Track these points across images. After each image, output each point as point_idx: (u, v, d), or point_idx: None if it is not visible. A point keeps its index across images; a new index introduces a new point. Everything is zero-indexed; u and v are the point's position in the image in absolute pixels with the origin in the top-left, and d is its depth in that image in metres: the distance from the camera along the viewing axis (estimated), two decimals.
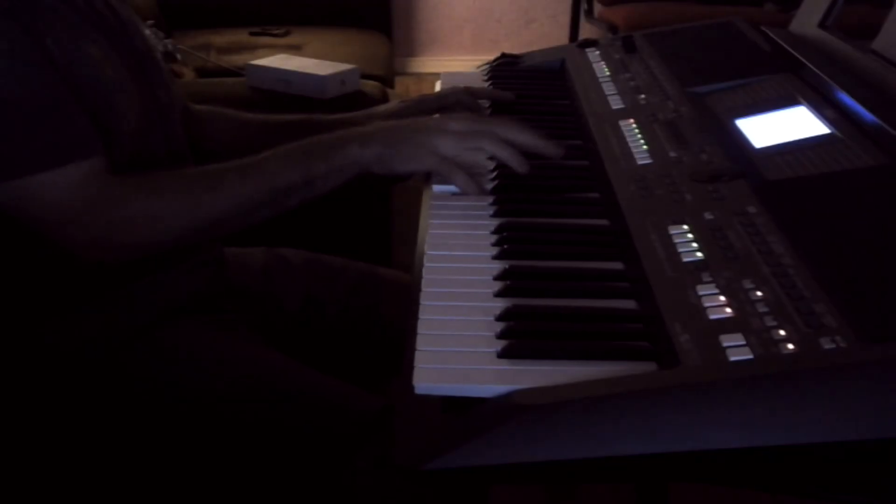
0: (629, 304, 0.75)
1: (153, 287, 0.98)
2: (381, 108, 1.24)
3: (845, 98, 0.94)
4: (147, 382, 0.94)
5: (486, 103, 1.21)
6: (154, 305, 0.98)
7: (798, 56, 1.09)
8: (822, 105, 0.95)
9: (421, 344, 0.69)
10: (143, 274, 0.96)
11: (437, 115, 1.06)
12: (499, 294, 0.76)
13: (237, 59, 2.29)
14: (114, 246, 0.89)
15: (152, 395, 0.94)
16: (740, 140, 0.94)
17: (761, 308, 0.65)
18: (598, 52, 1.31)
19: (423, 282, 0.77)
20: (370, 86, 2.08)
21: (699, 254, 0.74)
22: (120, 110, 0.93)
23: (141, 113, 0.96)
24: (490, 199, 0.93)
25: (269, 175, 0.91)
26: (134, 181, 0.90)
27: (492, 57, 1.43)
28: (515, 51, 1.46)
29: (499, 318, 0.72)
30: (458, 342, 0.69)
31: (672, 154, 0.93)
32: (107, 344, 0.95)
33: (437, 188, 0.95)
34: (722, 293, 0.68)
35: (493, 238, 0.85)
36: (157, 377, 0.95)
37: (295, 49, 2.50)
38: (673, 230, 0.78)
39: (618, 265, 0.81)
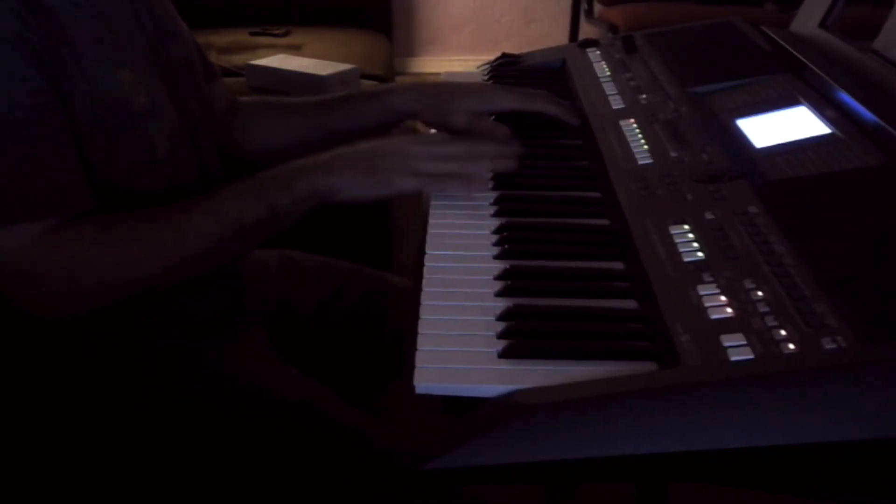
0: (630, 303, 0.75)
1: (174, 307, 0.95)
2: (428, 82, 1.20)
3: (846, 98, 0.93)
4: (169, 402, 0.93)
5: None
6: (175, 325, 0.97)
7: (798, 56, 1.09)
8: (823, 105, 0.95)
9: (421, 344, 0.68)
10: (164, 294, 0.93)
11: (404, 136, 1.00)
12: (499, 294, 0.76)
13: (237, 59, 2.29)
14: (66, 299, 0.84)
15: (172, 415, 0.93)
16: (741, 140, 0.93)
17: (762, 308, 0.65)
18: (598, 52, 1.31)
19: (424, 282, 0.77)
20: (370, 86, 2.08)
21: (700, 253, 0.74)
22: (150, 139, 0.90)
23: (173, 133, 0.93)
24: (490, 198, 0.93)
25: (235, 212, 0.87)
26: (93, 228, 0.85)
27: (492, 57, 1.43)
28: (515, 51, 1.45)
29: (499, 318, 0.72)
30: (459, 342, 0.69)
31: (673, 154, 0.93)
32: (122, 365, 0.93)
33: None
34: (723, 293, 0.68)
35: (494, 238, 0.85)
36: (178, 397, 0.94)
37: (295, 49, 2.50)
38: (674, 230, 0.78)
39: (618, 265, 0.80)
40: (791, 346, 0.61)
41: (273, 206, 0.88)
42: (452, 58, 3.95)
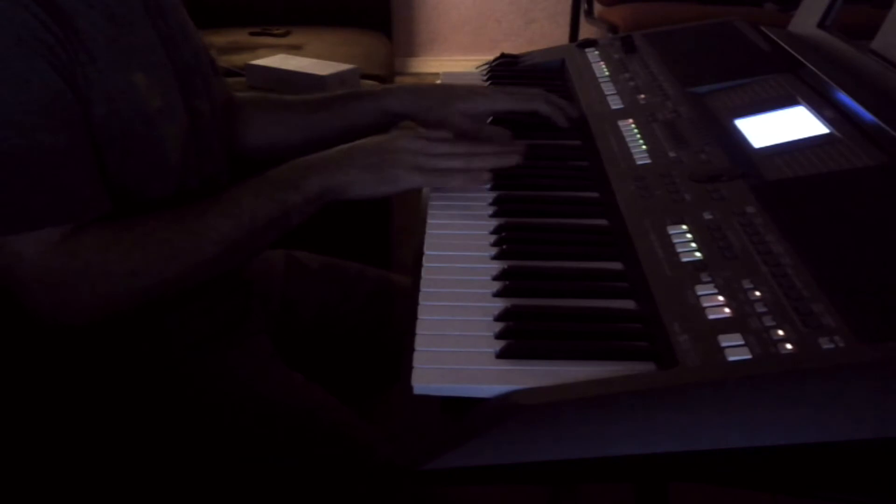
0: (628, 304, 0.75)
1: (180, 313, 0.95)
2: (424, 84, 1.22)
3: (844, 98, 0.94)
4: (172, 407, 0.93)
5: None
6: (181, 331, 0.96)
7: (797, 56, 1.09)
8: (821, 105, 0.95)
9: (419, 344, 0.69)
10: (172, 303, 0.93)
11: (408, 133, 1.01)
12: (498, 294, 0.76)
13: (237, 59, 2.29)
14: (87, 305, 0.84)
15: (175, 420, 0.93)
16: (739, 140, 0.94)
17: (760, 308, 0.65)
18: (597, 52, 1.31)
19: (422, 282, 0.77)
20: (370, 86, 2.08)
21: (698, 254, 0.74)
22: (163, 143, 0.90)
23: (184, 136, 0.93)
24: (489, 199, 0.93)
25: (249, 212, 0.87)
26: (112, 233, 0.84)
27: (492, 57, 1.43)
28: (515, 51, 1.46)
29: (498, 319, 0.72)
30: (457, 342, 0.69)
31: (671, 154, 0.93)
32: (127, 371, 0.93)
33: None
34: (720, 293, 0.68)
35: (492, 238, 0.85)
36: (181, 402, 0.94)
37: (295, 49, 2.49)
38: (672, 230, 0.78)
39: (617, 265, 0.81)
40: (789, 346, 0.61)
41: (285, 206, 0.88)
42: (452, 58, 3.95)
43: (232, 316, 1.03)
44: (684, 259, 0.74)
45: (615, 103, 1.11)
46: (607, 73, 1.22)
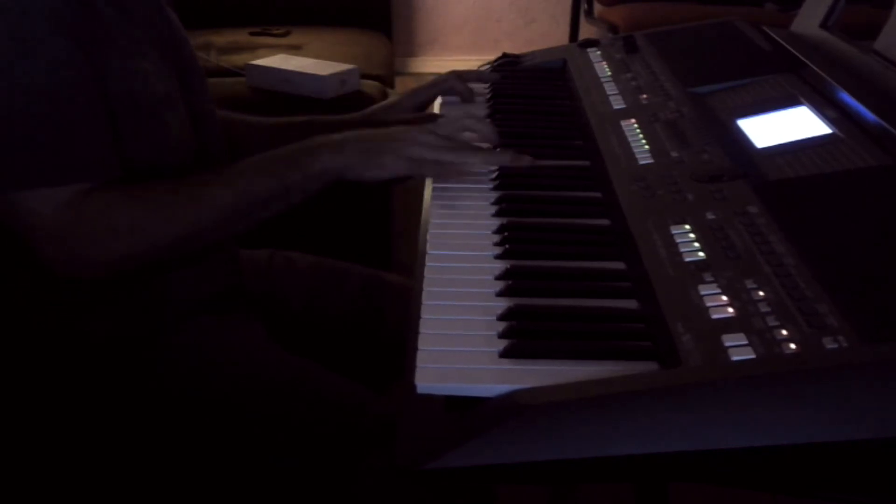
0: (631, 303, 0.75)
1: (174, 285, 0.98)
2: (378, 105, 1.26)
3: (847, 98, 0.94)
4: (168, 379, 0.95)
5: (480, 89, 1.25)
6: (176, 304, 0.99)
7: (799, 56, 1.09)
8: (824, 105, 0.95)
9: (423, 343, 0.69)
10: (164, 273, 0.97)
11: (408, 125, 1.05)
12: (501, 294, 0.76)
13: (237, 59, 2.29)
14: (93, 260, 0.88)
15: (172, 392, 0.95)
16: (742, 140, 0.94)
17: (763, 308, 0.65)
18: (599, 52, 1.31)
19: (425, 281, 0.77)
20: (370, 86, 2.08)
21: (701, 253, 0.74)
22: (168, 124, 0.94)
23: (186, 126, 0.97)
24: (491, 198, 0.93)
25: (250, 185, 0.91)
26: (119, 194, 0.89)
27: (492, 57, 1.43)
28: (515, 51, 1.45)
29: (500, 318, 0.72)
30: (460, 342, 0.69)
31: (673, 154, 0.93)
32: (127, 341, 0.96)
33: (437, 186, 0.95)
34: (723, 293, 0.68)
35: (495, 238, 0.85)
36: (178, 374, 0.95)
37: (295, 49, 2.49)
38: (674, 230, 0.78)
39: (619, 265, 0.81)
40: (792, 345, 0.61)
41: (285, 181, 0.92)
42: (452, 58, 3.95)
43: (224, 290, 1.05)
44: (687, 259, 0.74)
45: (617, 103, 1.11)
46: (609, 73, 1.22)
